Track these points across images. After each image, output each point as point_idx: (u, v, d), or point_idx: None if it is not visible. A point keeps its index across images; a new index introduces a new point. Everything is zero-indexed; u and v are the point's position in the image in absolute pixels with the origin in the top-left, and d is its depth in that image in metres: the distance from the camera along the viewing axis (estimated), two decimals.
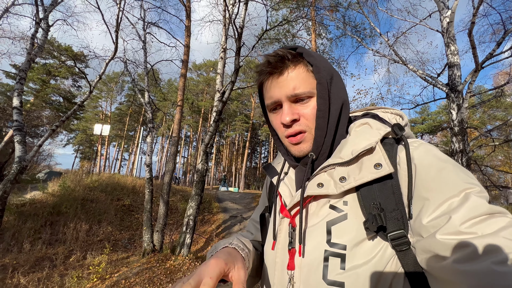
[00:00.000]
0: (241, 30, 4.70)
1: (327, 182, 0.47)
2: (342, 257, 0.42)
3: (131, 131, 37.01)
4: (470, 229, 0.34)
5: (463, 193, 0.37)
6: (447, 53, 4.87)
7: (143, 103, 6.23)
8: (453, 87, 4.63)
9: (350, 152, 0.47)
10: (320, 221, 0.47)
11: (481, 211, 0.35)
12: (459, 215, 0.35)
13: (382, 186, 0.44)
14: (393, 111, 0.56)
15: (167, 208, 5.77)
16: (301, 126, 0.51)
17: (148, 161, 5.69)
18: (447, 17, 4.83)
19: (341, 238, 0.44)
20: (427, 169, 0.41)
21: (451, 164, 0.41)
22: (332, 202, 0.47)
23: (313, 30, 10.21)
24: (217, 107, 5.54)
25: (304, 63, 0.50)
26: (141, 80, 23.61)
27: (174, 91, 31.41)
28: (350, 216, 0.44)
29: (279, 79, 0.50)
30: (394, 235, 0.40)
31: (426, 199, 0.39)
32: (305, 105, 0.50)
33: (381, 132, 0.47)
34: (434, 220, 0.37)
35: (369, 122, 0.51)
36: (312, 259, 0.45)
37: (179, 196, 9.95)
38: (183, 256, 4.86)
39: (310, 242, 0.47)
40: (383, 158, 0.44)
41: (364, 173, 0.44)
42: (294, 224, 0.50)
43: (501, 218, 0.34)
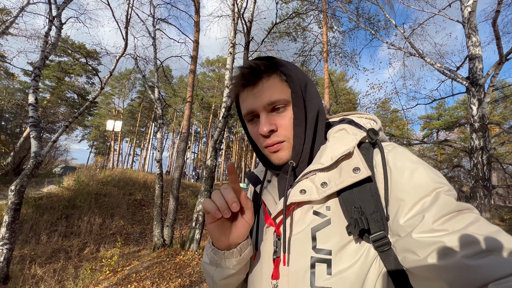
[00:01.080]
0: (250, 24, 4.61)
1: (310, 188, 0.48)
2: (328, 262, 0.43)
3: (142, 127, 37.77)
4: (442, 226, 0.36)
5: (434, 192, 0.39)
6: (468, 44, 4.60)
7: (153, 99, 6.27)
8: (474, 81, 4.38)
9: (330, 158, 0.48)
10: (305, 228, 0.47)
11: (450, 208, 0.37)
12: (431, 213, 0.37)
13: (361, 189, 0.45)
14: (367, 116, 0.58)
15: (177, 203, 5.83)
16: (279, 137, 0.51)
17: (158, 157, 5.75)
18: (468, 6, 4.56)
19: (326, 243, 0.44)
20: (401, 171, 0.43)
21: (422, 165, 0.43)
22: (315, 208, 0.48)
23: (325, 23, 9.93)
24: (225, 103, 5.51)
25: (277, 73, 0.51)
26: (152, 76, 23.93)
27: (185, 87, 31.71)
28: (334, 220, 0.45)
29: (254, 90, 0.51)
30: (375, 236, 0.41)
31: (401, 200, 0.41)
32: (282, 115, 0.51)
33: (357, 137, 0.49)
34: (409, 220, 0.39)
35: (346, 127, 0.52)
36: (299, 267, 0.45)
37: (189, 192, 10.07)
38: (192, 251, 4.91)
39: (296, 250, 0.47)
40: (361, 162, 0.45)
41: (344, 177, 0.45)
42: (279, 233, 0.50)
43: (469, 214, 0.37)
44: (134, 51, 7.28)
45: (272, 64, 0.52)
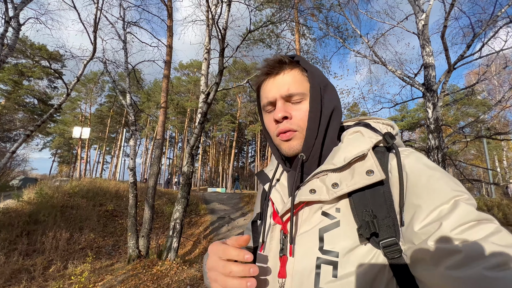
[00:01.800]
0: (224, 31, 4.68)
1: (320, 188, 0.48)
2: (334, 264, 0.42)
3: (113, 133, 35.80)
4: (460, 236, 0.35)
5: (453, 200, 0.38)
6: (422, 54, 5.08)
7: (124, 105, 6.04)
8: (428, 87, 4.84)
9: (343, 159, 0.47)
10: (313, 228, 0.47)
11: (470, 217, 0.36)
12: (449, 221, 0.36)
13: (374, 193, 0.44)
14: (384, 121, 0.57)
15: (152, 212, 5.64)
16: (292, 125, 0.52)
17: (132, 164, 5.54)
18: (422, 20, 5.05)
19: (333, 246, 0.44)
20: (417, 176, 0.42)
21: (440, 172, 0.42)
22: (325, 208, 0.47)
23: (297, 30, 10.34)
24: (201, 108, 5.50)
25: (300, 68, 0.53)
26: (122, 81, 22.88)
27: (158, 91, 30.71)
28: (343, 223, 0.45)
29: (275, 78, 0.53)
30: (386, 242, 0.40)
31: (417, 206, 0.40)
32: (298, 106, 0.52)
33: (373, 140, 0.48)
34: (425, 227, 0.38)
35: (361, 130, 0.52)
36: (304, 266, 0.45)
37: (164, 199, 9.76)
38: (170, 261, 4.79)
39: (302, 249, 0.46)
40: (375, 165, 0.45)
41: (356, 179, 0.45)
42: (285, 231, 0.50)
43: (489, 225, 0.35)
44: (103, 55, 6.95)
45: (296, 59, 0.55)
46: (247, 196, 13.01)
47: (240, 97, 30.67)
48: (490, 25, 4.52)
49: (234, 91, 30.05)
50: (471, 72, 15.89)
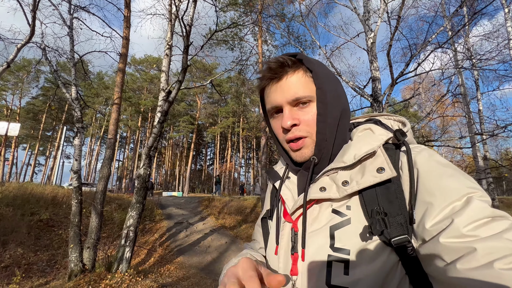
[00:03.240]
0: (189, 27, 4.52)
1: (330, 186, 0.48)
2: (345, 262, 0.42)
3: (48, 131, 31.17)
4: (473, 232, 0.34)
5: (465, 197, 0.38)
6: (371, 68, 5.69)
7: (68, 99, 5.31)
8: (375, 98, 5.43)
9: (353, 156, 0.47)
10: (323, 225, 0.46)
11: (484, 214, 0.35)
12: (462, 218, 0.35)
13: (385, 190, 0.44)
14: (395, 118, 0.57)
15: (100, 220, 5.05)
16: (301, 132, 0.51)
17: (76, 167, 4.88)
18: (371, 38, 5.66)
19: (344, 243, 0.43)
20: (429, 174, 0.42)
21: (452, 169, 0.42)
22: (335, 206, 0.47)
23: (260, 36, 10.58)
24: (161, 107, 5.17)
25: (303, 68, 0.51)
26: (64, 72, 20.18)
27: (107, 87, 27.93)
28: (354, 220, 0.44)
29: (279, 83, 0.51)
30: (398, 240, 0.40)
31: (429, 203, 0.39)
32: (305, 110, 0.51)
33: (383, 137, 0.48)
34: (437, 224, 0.37)
35: (372, 127, 0.52)
36: (315, 263, 0.45)
37: (114, 205, 8.84)
38: (121, 273, 4.33)
39: (313, 246, 0.46)
40: (386, 162, 0.44)
41: (366, 177, 0.44)
42: (296, 229, 0.50)
43: (503, 221, 0.35)
44: (42, 40, 6.01)
45: (299, 60, 0.52)
46: (206, 199, 12.65)
47: (200, 97, 29.83)
48: (423, 48, 5.31)
49: (194, 91, 29.14)
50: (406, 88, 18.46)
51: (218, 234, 8.20)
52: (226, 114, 30.22)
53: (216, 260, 6.32)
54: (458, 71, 7.71)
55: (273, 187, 0.64)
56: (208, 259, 6.31)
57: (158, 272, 5.11)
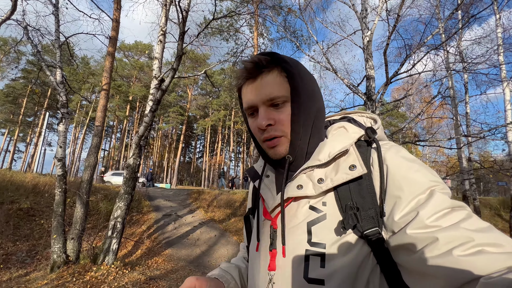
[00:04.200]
0: (186, 13, 4.32)
1: (306, 183, 0.50)
2: (322, 255, 0.44)
3: (29, 116, 29.72)
4: (435, 223, 0.37)
5: (429, 190, 0.41)
6: (366, 67, 5.69)
7: (53, 83, 5.01)
8: (369, 96, 5.45)
9: (327, 155, 0.49)
10: (301, 222, 0.48)
11: (444, 205, 0.38)
12: (425, 210, 0.38)
13: (358, 186, 0.46)
14: (367, 115, 0.59)
15: (86, 210, 4.87)
16: (277, 132, 0.51)
17: (61, 154, 4.64)
18: (367, 36, 5.64)
19: (320, 238, 0.45)
20: (397, 169, 0.44)
21: (417, 164, 0.45)
22: (312, 203, 0.49)
23: (256, 28, 10.39)
24: (154, 95, 4.99)
25: (278, 69, 0.51)
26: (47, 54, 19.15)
27: (93, 73, 26.82)
28: (329, 216, 0.46)
29: (254, 84, 0.52)
30: (369, 232, 0.43)
31: (397, 197, 0.42)
32: (280, 110, 0.51)
33: (356, 135, 0.51)
34: (404, 216, 0.40)
35: (345, 125, 0.54)
36: (293, 258, 0.47)
37: (100, 195, 8.56)
38: (107, 265, 4.21)
39: (291, 242, 0.48)
40: (357, 160, 0.47)
41: (340, 174, 0.47)
42: (275, 226, 0.52)
43: (461, 211, 0.38)
44: (23, 17, 5.60)
45: (275, 59, 0.52)
46: (195, 192, 12.52)
47: (191, 88, 29.22)
48: (418, 49, 5.35)
49: (185, 82, 28.51)
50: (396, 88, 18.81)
51: (207, 227, 8.14)
52: (217, 107, 29.83)
53: (205, 253, 6.27)
54: (449, 74, 7.89)
55: (253, 186, 0.67)
56: (197, 252, 6.25)
57: (146, 264, 5.01)
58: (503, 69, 7.49)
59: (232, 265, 0.69)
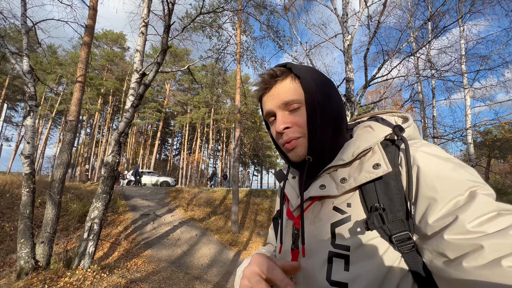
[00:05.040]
0: (172, 6, 4.16)
1: (329, 183, 0.50)
2: (346, 258, 0.43)
3: None
4: (479, 228, 0.33)
5: (469, 191, 0.37)
6: (346, 69, 5.92)
7: (19, 72, 4.56)
8: (349, 98, 5.68)
9: (351, 154, 0.48)
10: (324, 222, 0.48)
11: (489, 209, 0.34)
12: (466, 214, 0.35)
13: (385, 186, 0.44)
14: (399, 114, 0.57)
15: (58, 211, 4.52)
16: (294, 133, 0.53)
17: (28, 150, 4.24)
18: (347, 40, 5.87)
19: (344, 240, 0.44)
20: (429, 168, 0.41)
21: (453, 163, 0.41)
22: (336, 203, 0.48)
23: (239, 25, 10.30)
24: (135, 89, 4.75)
25: (291, 76, 0.54)
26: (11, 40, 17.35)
27: (61, 63, 24.78)
28: (354, 218, 0.45)
29: (270, 92, 0.55)
30: (398, 236, 0.40)
31: (431, 198, 0.39)
32: (296, 113, 0.53)
33: (382, 134, 0.50)
34: (440, 219, 0.37)
35: (372, 124, 0.54)
36: (316, 259, 0.46)
37: (70, 195, 7.99)
38: (83, 269, 3.95)
39: (314, 243, 0.47)
40: (382, 158, 0.45)
41: (363, 173, 0.45)
42: (297, 226, 0.51)
43: (510, 216, 0.34)
44: None
45: (288, 68, 0.55)
46: (173, 191, 12.17)
47: (169, 84, 28.20)
48: (394, 55, 5.68)
49: (163, 77, 27.44)
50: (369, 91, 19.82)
51: (188, 226, 7.97)
52: (197, 104, 29.14)
53: (187, 253, 6.15)
54: (419, 79, 8.50)
55: (280, 188, 0.67)
56: (179, 252, 6.10)
57: (125, 267, 4.78)
58: (465, 77, 8.26)
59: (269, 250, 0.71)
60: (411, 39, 5.90)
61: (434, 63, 8.05)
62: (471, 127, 7.06)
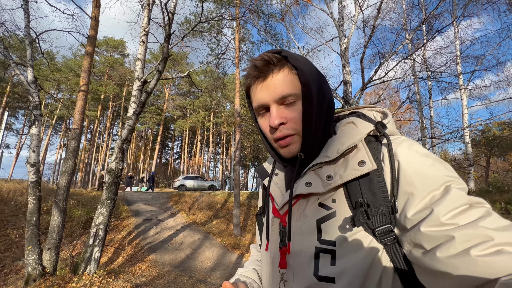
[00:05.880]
0: (172, 15, 4.29)
1: (315, 180, 0.49)
2: (332, 253, 0.44)
3: None
4: (452, 220, 0.35)
5: (444, 186, 0.39)
6: (343, 72, 6.02)
7: (23, 82, 4.67)
8: (346, 100, 5.77)
9: (336, 151, 0.48)
10: (310, 219, 0.48)
11: (461, 202, 0.37)
12: (441, 207, 0.37)
13: (368, 182, 0.45)
14: (378, 109, 0.58)
15: (63, 218, 4.60)
16: (289, 130, 0.51)
17: (34, 159, 4.34)
18: (344, 43, 5.98)
19: (330, 235, 0.45)
20: (409, 164, 0.43)
21: (431, 159, 0.43)
22: (321, 200, 0.48)
23: (237, 30, 10.45)
24: (136, 97, 4.85)
25: (289, 66, 0.51)
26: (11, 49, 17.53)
27: (59, 69, 24.95)
28: (339, 213, 0.46)
29: (265, 82, 0.51)
30: (381, 229, 0.42)
31: (410, 193, 0.41)
32: (292, 108, 0.51)
33: (365, 130, 0.49)
34: (418, 213, 0.39)
35: (354, 121, 0.53)
36: (303, 256, 0.47)
37: (73, 201, 8.06)
38: (89, 275, 4.02)
39: (301, 240, 0.48)
40: (367, 156, 0.46)
41: (349, 170, 0.46)
42: (284, 223, 0.51)
43: (480, 208, 0.36)
44: None
45: (284, 57, 0.51)
46: (175, 195, 12.23)
47: (168, 88, 28.36)
48: (390, 57, 5.80)
49: (161, 82, 27.59)
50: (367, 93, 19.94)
51: (190, 230, 8.04)
52: (197, 108, 29.29)
53: (190, 256, 6.21)
54: (415, 81, 8.63)
55: (263, 185, 0.65)
56: (182, 256, 6.17)
57: (130, 271, 4.85)
58: (461, 77, 8.39)
59: (250, 268, 0.69)
60: (407, 41, 6.01)
61: (430, 64, 8.19)
62: (467, 126, 7.16)
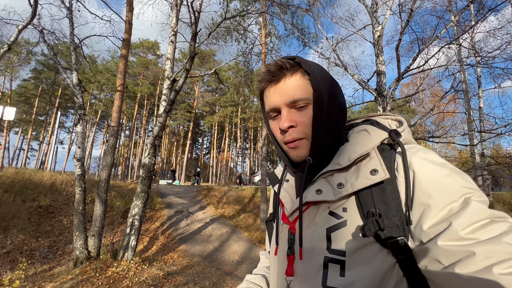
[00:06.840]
0: (198, 14, 4.37)
1: (326, 188, 0.48)
2: (341, 263, 0.43)
3: (41, 115, 30.44)
4: (472, 235, 0.34)
5: (463, 198, 0.37)
6: (376, 62, 5.60)
7: (70, 85, 5.16)
8: (380, 92, 5.37)
9: (348, 159, 0.48)
10: (320, 227, 0.47)
11: (482, 216, 0.35)
12: (460, 220, 0.35)
13: (381, 192, 0.44)
14: (393, 117, 0.57)
15: (105, 208, 5.05)
16: (298, 134, 0.51)
17: (79, 154, 4.81)
18: (378, 31, 5.55)
19: (340, 245, 0.44)
20: (424, 174, 0.41)
21: (448, 169, 0.41)
22: (332, 208, 0.47)
23: (263, 26, 10.34)
24: (167, 95, 5.08)
25: (301, 71, 0.51)
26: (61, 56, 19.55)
27: (100, 71, 27.19)
28: (349, 222, 0.45)
29: (277, 86, 0.52)
30: (394, 241, 0.40)
31: (426, 205, 0.39)
32: (302, 112, 0.51)
33: (378, 138, 0.49)
34: (435, 226, 0.37)
35: (367, 128, 0.52)
36: (312, 265, 0.46)
37: (113, 193, 8.81)
38: (127, 261, 4.37)
39: (310, 248, 0.47)
40: (379, 164, 0.45)
41: (360, 179, 0.45)
42: (293, 231, 0.51)
43: (502, 223, 0.34)
44: (39, 21, 5.77)
45: (297, 63, 0.52)
46: (205, 189, 12.70)
47: (198, 86, 29.35)
48: (431, 43, 5.24)
49: (191, 80, 28.63)
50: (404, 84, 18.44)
51: (218, 223, 8.30)
52: (224, 103, 29.94)
53: (218, 249, 6.42)
54: (462, 68, 7.73)
55: (273, 191, 0.66)
56: (210, 248, 6.41)
57: (162, 260, 5.18)
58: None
59: (258, 275, 0.70)
60: (452, 24, 5.38)
61: (480, 48, 7.24)
62: None
